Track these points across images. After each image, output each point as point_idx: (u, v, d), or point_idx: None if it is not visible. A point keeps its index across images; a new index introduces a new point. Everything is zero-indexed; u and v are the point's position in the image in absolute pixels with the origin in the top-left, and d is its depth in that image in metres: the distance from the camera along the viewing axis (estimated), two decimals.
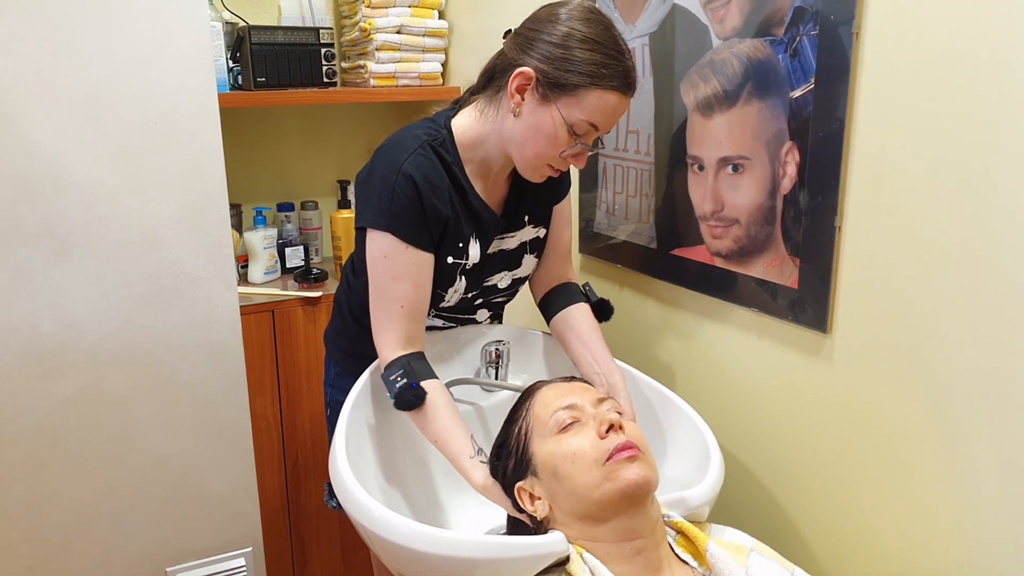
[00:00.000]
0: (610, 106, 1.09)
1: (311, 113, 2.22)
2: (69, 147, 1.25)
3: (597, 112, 1.09)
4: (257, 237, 1.98)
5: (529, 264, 1.35)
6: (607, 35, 1.09)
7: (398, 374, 1.14)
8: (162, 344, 1.38)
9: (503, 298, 1.39)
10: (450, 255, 1.22)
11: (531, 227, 1.32)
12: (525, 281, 1.38)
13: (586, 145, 1.14)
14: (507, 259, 1.31)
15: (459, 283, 1.26)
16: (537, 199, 1.31)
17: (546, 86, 1.09)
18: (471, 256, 1.24)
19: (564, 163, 1.16)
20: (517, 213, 1.29)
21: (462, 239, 1.22)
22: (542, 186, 1.27)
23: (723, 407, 1.38)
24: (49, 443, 1.33)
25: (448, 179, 1.19)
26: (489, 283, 1.32)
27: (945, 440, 1.01)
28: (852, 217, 1.09)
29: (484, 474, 1.07)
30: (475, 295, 1.32)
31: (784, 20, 1.14)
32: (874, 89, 1.03)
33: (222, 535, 1.51)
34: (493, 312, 1.43)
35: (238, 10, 2.06)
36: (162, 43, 1.27)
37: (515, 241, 1.31)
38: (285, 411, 1.92)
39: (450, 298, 1.28)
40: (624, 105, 1.11)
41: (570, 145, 1.12)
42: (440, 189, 1.18)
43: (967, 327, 0.96)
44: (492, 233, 1.27)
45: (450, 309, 1.34)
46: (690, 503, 1.01)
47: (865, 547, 1.15)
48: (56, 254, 1.27)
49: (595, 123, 1.10)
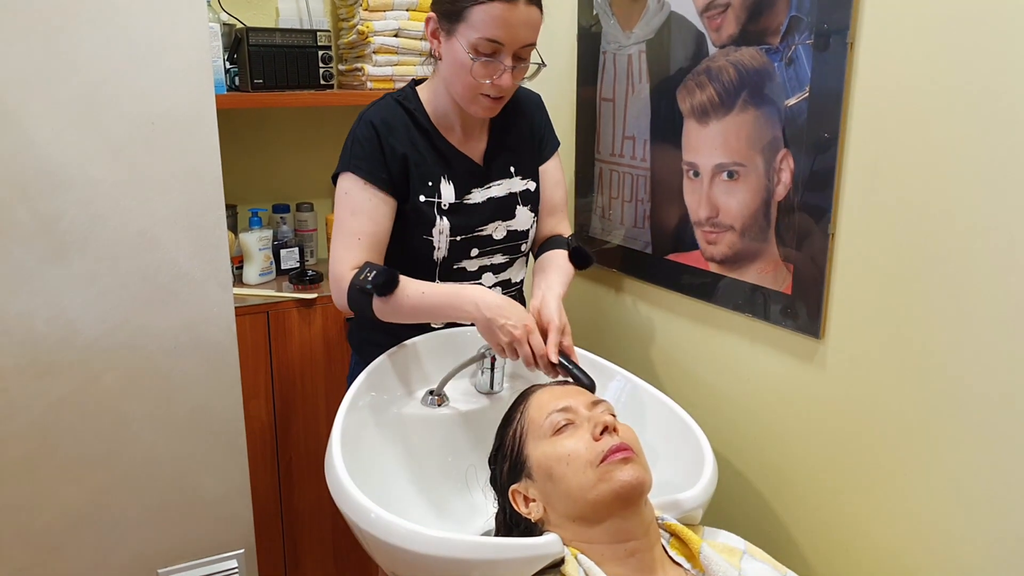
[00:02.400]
0: (497, 17, 1.16)
1: (308, 115, 2.23)
2: (66, 146, 1.25)
3: (488, 26, 1.16)
4: (253, 238, 1.97)
5: (524, 217, 1.39)
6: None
7: (365, 272, 1.24)
8: (157, 344, 1.37)
9: (503, 257, 1.39)
10: (421, 194, 1.30)
11: (519, 179, 1.38)
12: (525, 238, 1.41)
13: (500, 62, 1.19)
14: (498, 207, 1.36)
15: (441, 223, 1.31)
16: (520, 152, 1.38)
17: (445, 21, 1.21)
18: (444, 195, 1.31)
19: (492, 88, 1.22)
20: (499, 162, 1.36)
21: (431, 178, 1.31)
22: (523, 141, 1.38)
23: (717, 411, 1.38)
24: (42, 443, 1.33)
25: (412, 124, 1.31)
26: (483, 232, 1.35)
27: (937, 445, 1.02)
28: (845, 224, 1.10)
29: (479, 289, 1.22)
30: (467, 242, 1.34)
31: (780, 29, 1.15)
32: (868, 98, 1.05)
33: (215, 537, 1.51)
34: (503, 284, 1.41)
35: (236, 12, 2.06)
36: (160, 44, 1.28)
37: (503, 190, 1.36)
38: (279, 413, 1.92)
39: (439, 244, 1.32)
40: (515, 13, 1.16)
41: (486, 68, 1.19)
42: (398, 130, 1.29)
43: (959, 333, 0.97)
44: (469, 178, 1.34)
45: (453, 273, 1.36)
46: (684, 505, 1.02)
47: (856, 550, 1.15)
48: (52, 254, 1.27)
49: (492, 37, 1.17)
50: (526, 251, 1.44)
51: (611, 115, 1.55)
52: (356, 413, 1.20)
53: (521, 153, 1.39)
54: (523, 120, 1.40)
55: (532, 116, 1.42)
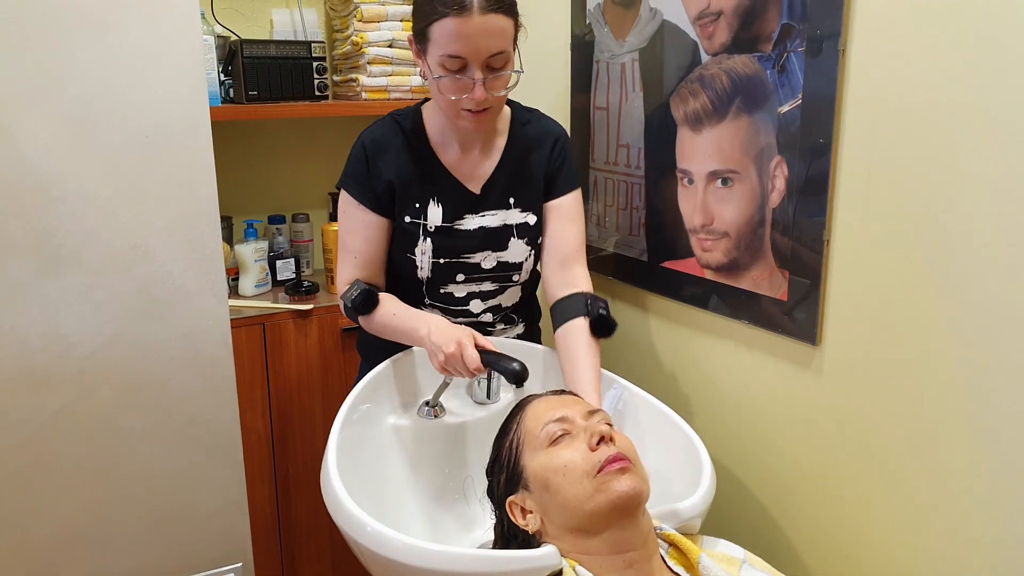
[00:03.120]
0: (453, 31, 1.14)
1: (303, 126, 2.23)
2: (60, 160, 1.25)
3: (447, 42, 1.15)
4: (248, 250, 1.97)
5: (518, 249, 1.35)
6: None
7: (351, 289, 1.30)
8: (152, 357, 1.37)
9: (492, 285, 1.37)
10: (407, 214, 1.32)
11: (518, 210, 1.34)
12: (518, 270, 1.36)
13: (470, 77, 1.17)
14: (490, 237, 1.33)
15: (424, 243, 1.31)
16: (524, 185, 1.34)
17: (417, 42, 1.22)
18: (431, 217, 1.31)
19: (470, 102, 1.20)
20: (498, 191, 1.33)
21: (419, 200, 1.31)
22: (531, 174, 1.34)
23: (714, 418, 1.38)
24: (37, 457, 1.32)
25: (406, 145, 1.31)
26: (470, 260, 1.33)
27: (934, 450, 1.02)
28: (840, 230, 1.10)
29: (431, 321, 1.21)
30: (452, 265, 1.33)
31: (772, 37, 1.15)
32: (860, 104, 1.05)
33: (212, 550, 1.50)
34: (492, 309, 1.40)
35: (230, 24, 2.07)
36: (154, 56, 1.28)
37: (497, 220, 1.33)
38: (276, 424, 1.91)
39: (422, 263, 1.32)
40: (469, 24, 1.13)
41: (458, 83, 1.18)
42: (388, 152, 1.31)
43: (955, 338, 0.97)
44: (460, 203, 1.31)
45: (441, 297, 1.35)
46: (682, 515, 1.01)
47: (856, 558, 1.15)
48: (46, 268, 1.27)
49: (452, 53, 1.16)
50: (519, 281, 1.39)
51: (605, 123, 1.55)
52: (352, 425, 1.19)
53: (525, 186, 1.34)
54: (538, 153, 1.36)
55: (548, 150, 1.36)
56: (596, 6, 1.53)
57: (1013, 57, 0.87)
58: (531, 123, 1.37)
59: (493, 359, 1.15)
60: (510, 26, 1.17)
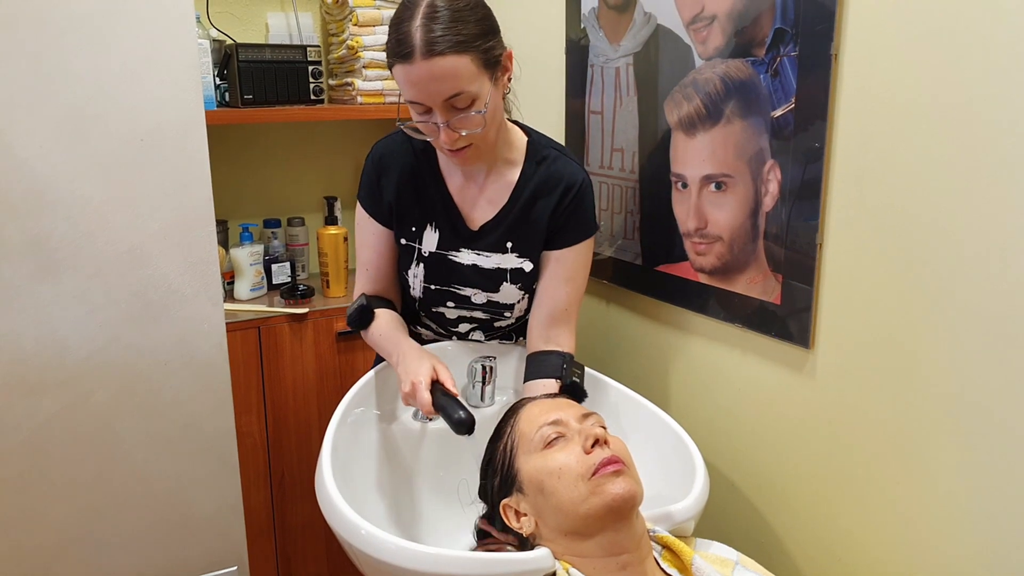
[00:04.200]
0: (402, 78, 1.10)
1: (298, 130, 2.23)
2: (56, 164, 1.25)
3: (403, 88, 1.12)
4: (243, 253, 1.97)
5: (510, 294, 1.30)
6: (396, 13, 1.11)
7: (355, 303, 1.33)
8: (147, 361, 1.37)
9: (484, 315, 1.35)
10: (403, 236, 1.31)
11: (514, 255, 1.28)
12: (509, 310, 1.33)
13: (432, 121, 1.12)
14: (482, 277, 1.29)
15: (416, 268, 1.31)
16: (525, 230, 1.27)
17: None
18: (425, 242, 1.29)
19: (439, 143, 1.16)
20: (497, 234, 1.27)
21: (416, 224, 1.30)
22: (535, 219, 1.26)
23: (708, 422, 1.38)
24: (32, 462, 1.32)
25: (412, 163, 1.28)
26: (461, 291, 1.31)
27: (927, 454, 1.02)
28: (833, 234, 1.11)
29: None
30: (443, 293, 1.32)
31: (765, 41, 1.16)
32: (853, 108, 1.05)
33: (207, 554, 1.50)
34: (483, 329, 1.40)
35: (225, 28, 2.07)
36: (150, 60, 1.28)
37: (491, 263, 1.28)
38: (271, 428, 1.91)
39: (414, 285, 1.33)
40: (414, 72, 1.07)
41: (425, 126, 1.14)
42: (392, 170, 1.28)
43: (948, 342, 0.98)
44: (455, 233, 1.28)
45: (430, 315, 1.36)
46: (675, 517, 1.01)
47: (849, 560, 1.15)
48: (41, 271, 1.27)
49: (409, 99, 1.12)
50: (511, 317, 1.35)
51: (599, 128, 1.56)
52: (346, 429, 1.20)
53: (526, 232, 1.27)
54: (546, 200, 1.25)
55: (558, 198, 1.25)
56: (591, 11, 1.53)
57: (1006, 61, 0.88)
58: (547, 163, 1.26)
59: (444, 403, 1.14)
60: (466, 64, 1.07)
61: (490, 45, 1.11)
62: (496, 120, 1.18)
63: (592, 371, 1.34)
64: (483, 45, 1.09)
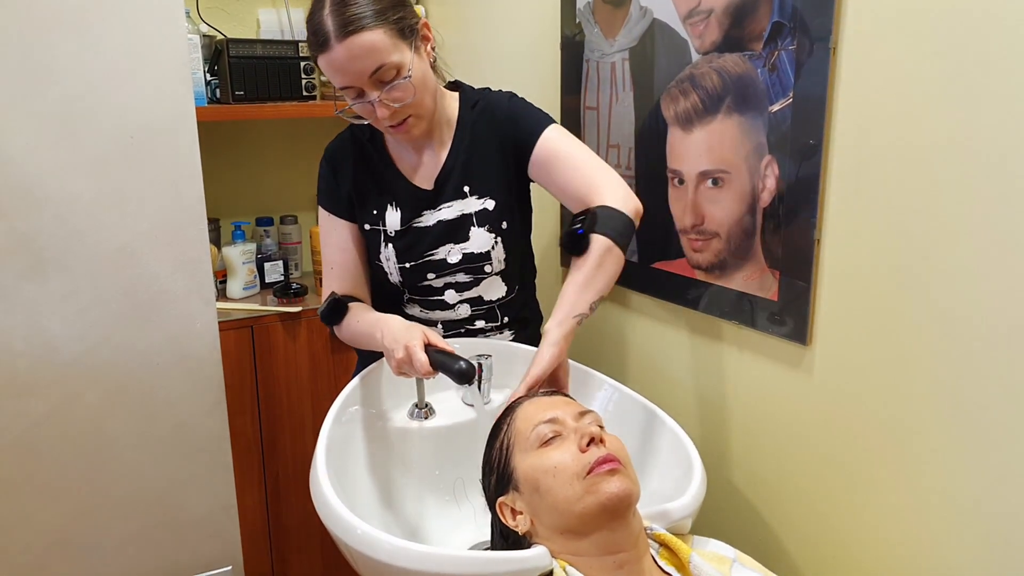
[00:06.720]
0: (326, 68, 1.16)
1: (290, 127, 2.22)
2: (44, 161, 1.23)
3: (331, 78, 1.18)
4: (236, 252, 1.96)
5: (481, 239, 1.30)
6: (309, 10, 1.17)
7: (326, 300, 1.32)
8: (139, 361, 1.36)
9: (466, 276, 1.33)
10: (367, 222, 1.34)
11: (474, 198, 1.31)
12: (488, 260, 1.32)
13: (368, 101, 1.17)
14: (449, 229, 1.31)
15: (386, 250, 1.32)
16: (478, 170, 1.30)
17: None
18: (389, 222, 1.32)
19: (380, 123, 1.21)
20: (451, 183, 1.31)
21: (376, 207, 1.33)
22: (484, 156, 1.30)
23: (704, 419, 1.38)
24: (23, 463, 1.31)
25: (360, 155, 1.33)
26: (435, 256, 1.32)
27: (925, 450, 1.02)
28: (831, 230, 1.10)
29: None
30: (419, 267, 1.32)
31: (762, 35, 1.15)
32: (851, 103, 1.05)
33: (202, 555, 1.49)
34: (471, 302, 1.37)
35: (216, 23, 2.05)
36: (139, 56, 1.26)
37: (454, 211, 1.30)
38: (265, 428, 1.90)
39: (389, 269, 1.33)
40: (334, 56, 1.13)
41: (362, 107, 1.19)
42: (344, 164, 1.33)
43: (946, 338, 0.97)
44: (417, 203, 1.31)
45: (417, 291, 1.36)
46: (672, 515, 1.01)
47: (846, 557, 1.15)
48: (30, 270, 1.25)
49: (339, 86, 1.18)
50: (492, 272, 1.34)
51: (595, 123, 1.55)
52: (341, 427, 1.19)
53: (480, 170, 1.30)
54: (489, 129, 1.30)
55: (499, 123, 1.30)
56: (586, 5, 1.52)
57: (1005, 57, 0.87)
58: (480, 103, 1.33)
59: (441, 359, 1.13)
60: (380, 36, 1.12)
61: (400, 16, 1.16)
62: (428, 88, 1.22)
63: (588, 368, 1.33)
64: (392, 16, 1.15)
